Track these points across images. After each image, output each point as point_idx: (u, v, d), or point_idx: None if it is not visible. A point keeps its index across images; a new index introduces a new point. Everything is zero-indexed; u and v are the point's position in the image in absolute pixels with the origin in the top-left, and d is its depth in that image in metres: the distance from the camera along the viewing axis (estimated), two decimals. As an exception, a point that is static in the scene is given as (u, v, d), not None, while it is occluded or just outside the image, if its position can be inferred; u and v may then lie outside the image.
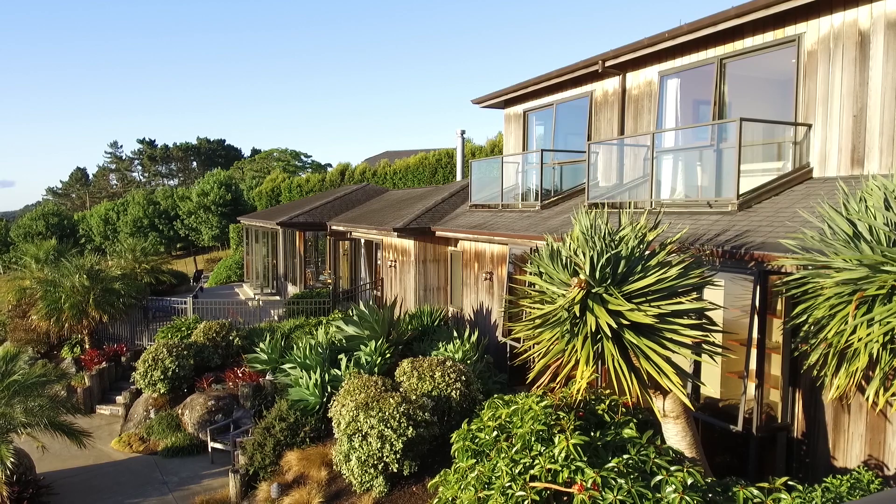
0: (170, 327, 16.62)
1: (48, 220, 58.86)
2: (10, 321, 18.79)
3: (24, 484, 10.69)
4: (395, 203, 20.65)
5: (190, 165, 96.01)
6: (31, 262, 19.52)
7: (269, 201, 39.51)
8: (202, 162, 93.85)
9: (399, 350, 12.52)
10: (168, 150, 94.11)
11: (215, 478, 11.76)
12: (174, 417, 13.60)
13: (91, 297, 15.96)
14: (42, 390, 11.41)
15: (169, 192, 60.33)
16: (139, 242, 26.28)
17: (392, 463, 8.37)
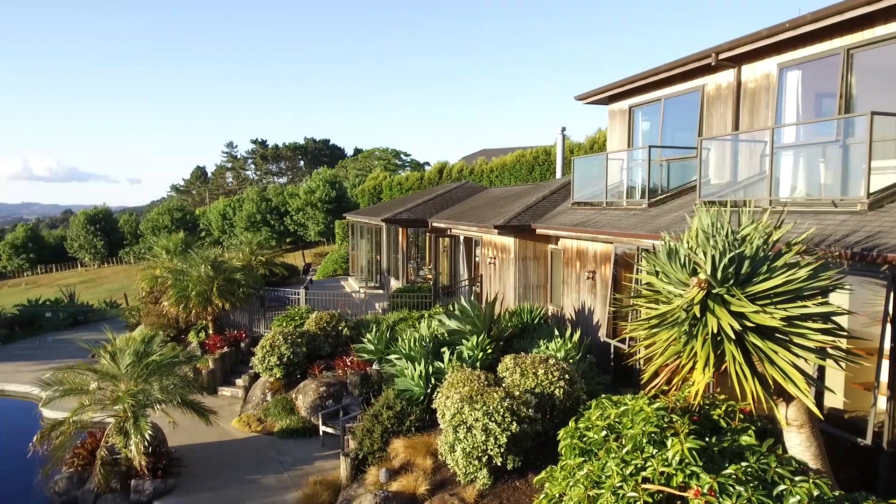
0: (284, 316, 17.66)
1: (173, 215, 63.91)
2: (143, 307, 20.70)
3: (158, 455, 11.76)
4: (494, 200, 20.80)
5: (298, 164, 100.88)
6: (161, 253, 21.38)
7: (370, 199, 40.83)
8: (309, 161, 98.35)
9: (500, 346, 12.65)
10: (278, 149, 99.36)
11: (326, 460, 12.42)
12: (288, 401, 14.48)
13: (215, 286, 17.29)
14: (174, 370, 12.53)
15: (279, 190, 63.75)
16: (255, 236, 28.00)
17: (496, 456, 8.52)
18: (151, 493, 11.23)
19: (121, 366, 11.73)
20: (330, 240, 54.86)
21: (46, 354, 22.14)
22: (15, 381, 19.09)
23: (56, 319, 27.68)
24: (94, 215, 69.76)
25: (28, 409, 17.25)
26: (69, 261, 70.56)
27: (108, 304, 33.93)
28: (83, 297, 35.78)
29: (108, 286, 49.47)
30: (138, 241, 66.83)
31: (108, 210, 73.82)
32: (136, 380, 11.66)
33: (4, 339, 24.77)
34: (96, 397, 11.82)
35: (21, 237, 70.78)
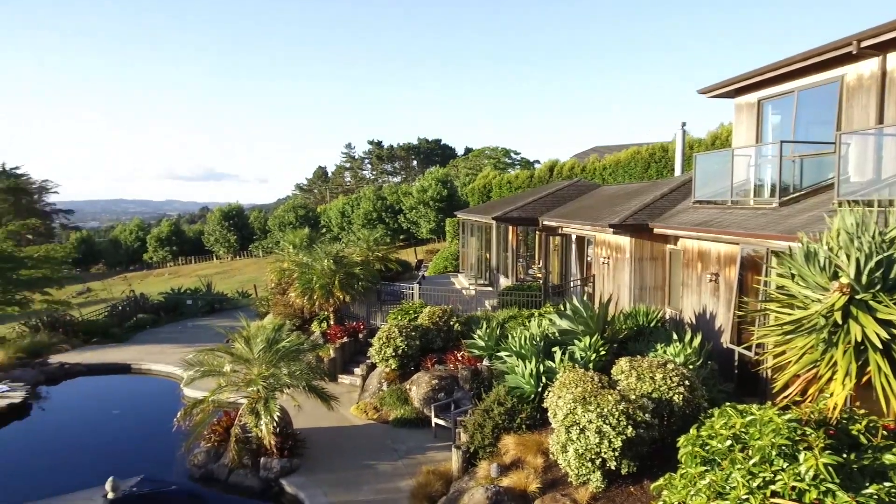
0: (399, 310, 18.29)
1: (297, 212, 67.86)
2: (272, 297, 22.23)
3: (285, 436, 12.62)
4: (607, 199, 20.31)
5: (411, 164, 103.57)
6: (288, 247, 22.83)
7: (480, 197, 41.14)
8: (421, 161, 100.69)
9: (613, 348, 12.39)
10: (393, 149, 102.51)
11: (438, 451, 12.76)
12: (403, 392, 15.01)
13: (336, 279, 18.24)
14: (299, 357, 13.37)
15: (394, 189, 65.79)
16: (371, 233, 29.11)
17: (610, 460, 8.39)
18: (278, 471, 12.07)
19: (254, 351, 12.70)
20: (441, 237, 55.88)
21: (187, 338, 24.32)
22: (161, 361, 21.14)
23: (195, 307, 30.33)
24: (227, 212, 75.67)
25: (171, 387, 19.03)
26: (206, 253, 76.91)
27: (240, 293, 36.64)
28: (218, 286, 38.88)
29: (240, 277, 53.36)
30: (266, 237, 71.65)
31: (240, 207, 79.71)
32: (267, 364, 12.58)
33: (152, 323, 27.49)
34: (231, 379, 12.88)
35: (165, 231, 78.16)
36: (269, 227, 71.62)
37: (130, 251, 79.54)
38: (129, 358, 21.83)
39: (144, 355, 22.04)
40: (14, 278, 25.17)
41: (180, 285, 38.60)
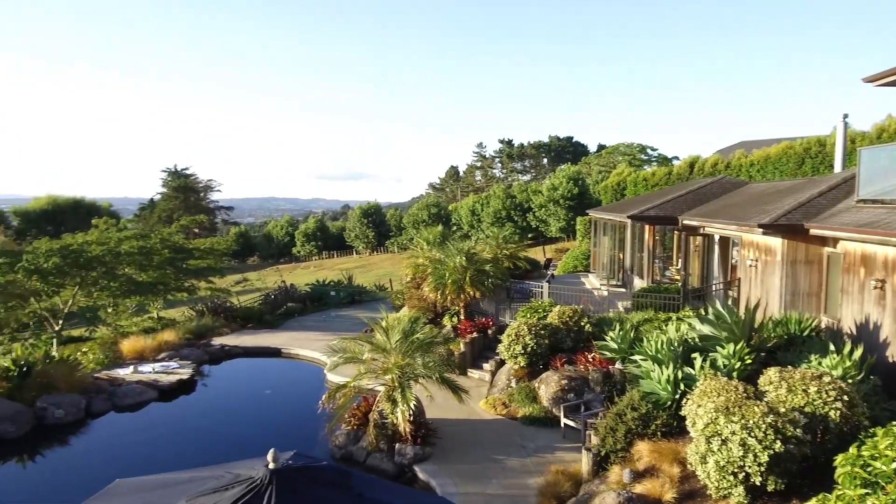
0: (528, 308, 18.33)
1: (429, 210, 69.91)
2: (407, 291, 23.17)
3: (418, 424, 13.14)
4: (756, 197, 18.96)
5: (541, 162, 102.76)
6: (423, 244, 23.66)
7: (613, 195, 39.95)
8: (552, 159, 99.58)
9: (760, 357, 11.60)
10: (523, 148, 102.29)
11: (566, 452, 12.68)
12: (531, 390, 15.05)
13: (468, 275, 18.64)
14: (432, 349, 13.86)
15: (523, 187, 65.73)
16: (500, 231, 29.34)
17: (755, 475, 7.92)
18: (412, 457, 12.60)
19: (391, 341, 13.36)
20: (570, 236, 54.95)
21: (330, 327, 25.98)
22: (307, 347, 22.76)
23: (337, 298, 32.31)
24: (366, 210, 79.74)
25: (316, 371, 20.45)
26: (347, 248, 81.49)
27: (377, 286, 38.48)
28: (357, 280, 41.08)
29: (377, 271, 55.95)
30: (401, 233, 74.56)
31: (378, 205, 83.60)
32: (403, 354, 13.18)
33: (299, 311, 29.66)
34: (370, 367, 13.64)
35: (312, 227, 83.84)
36: (403, 224, 74.42)
37: (281, 245, 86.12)
38: (279, 343, 23.74)
39: (293, 341, 23.84)
40: (184, 268, 28.24)
41: (324, 277, 41.23)
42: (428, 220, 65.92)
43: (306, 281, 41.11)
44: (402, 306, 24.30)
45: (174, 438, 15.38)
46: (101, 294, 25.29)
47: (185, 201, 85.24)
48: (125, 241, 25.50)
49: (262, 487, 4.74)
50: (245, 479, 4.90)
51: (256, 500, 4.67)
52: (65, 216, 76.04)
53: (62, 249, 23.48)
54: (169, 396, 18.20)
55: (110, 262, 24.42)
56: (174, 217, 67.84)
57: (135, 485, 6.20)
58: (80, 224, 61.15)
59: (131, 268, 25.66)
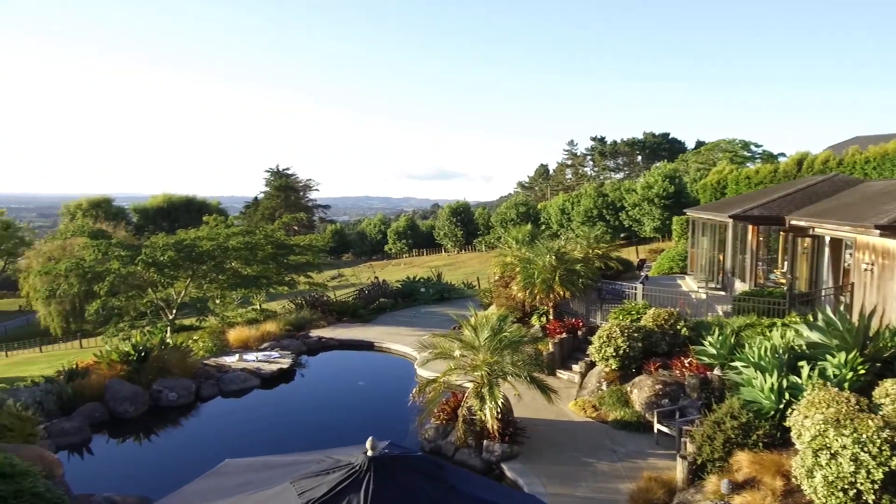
0: (620, 309, 17.92)
1: (518, 209, 69.63)
2: (495, 289, 23.25)
3: (506, 422, 13.19)
4: (872, 196, 17.60)
5: (635, 159, 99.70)
6: (511, 242, 23.64)
7: (713, 194, 38.18)
8: (647, 156, 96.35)
9: (875, 368, 10.80)
10: (616, 145, 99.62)
11: (659, 458, 12.33)
12: (623, 393, 14.73)
13: (557, 275, 18.46)
14: (520, 348, 13.86)
15: (616, 186, 64.06)
16: (591, 230, 28.79)
17: (867, 492, 7.42)
18: (500, 455, 12.68)
19: (480, 338, 13.49)
20: (666, 236, 53.01)
21: (419, 322, 26.49)
22: (398, 342, 23.34)
23: (427, 294, 32.87)
24: (455, 208, 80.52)
25: (406, 365, 20.94)
26: (436, 246, 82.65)
27: (465, 284, 38.82)
28: (446, 277, 41.59)
29: (465, 269, 56.43)
30: (489, 232, 74.68)
31: (467, 204, 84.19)
32: (492, 352, 13.27)
33: (391, 307, 30.43)
34: (459, 363, 13.83)
35: (402, 226, 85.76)
36: (491, 223, 74.51)
37: (374, 242, 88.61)
38: (372, 336, 24.48)
39: (385, 335, 24.52)
40: (285, 262, 29.74)
41: (414, 274, 42.06)
42: (516, 219, 65.64)
43: (397, 277, 42.10)
44: (489, 304, 24.40)
45: (275, 424, 16.25)
46: (211, 286, 27.10)
47: (285, 200, 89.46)
48: (232, 236, 27.19)
49: (360, 473, 4.97)
50: (345, 464, 5.16)
51: (355, 485, 4.90)
52: (178, 213, 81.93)
53: (176, 244, 25.36)
54: (270, 384, 19.23)
55: (219, 257, 26.11)
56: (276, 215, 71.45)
57: (243, 465, 6.65)
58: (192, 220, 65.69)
59: (237, 262, 27.34)
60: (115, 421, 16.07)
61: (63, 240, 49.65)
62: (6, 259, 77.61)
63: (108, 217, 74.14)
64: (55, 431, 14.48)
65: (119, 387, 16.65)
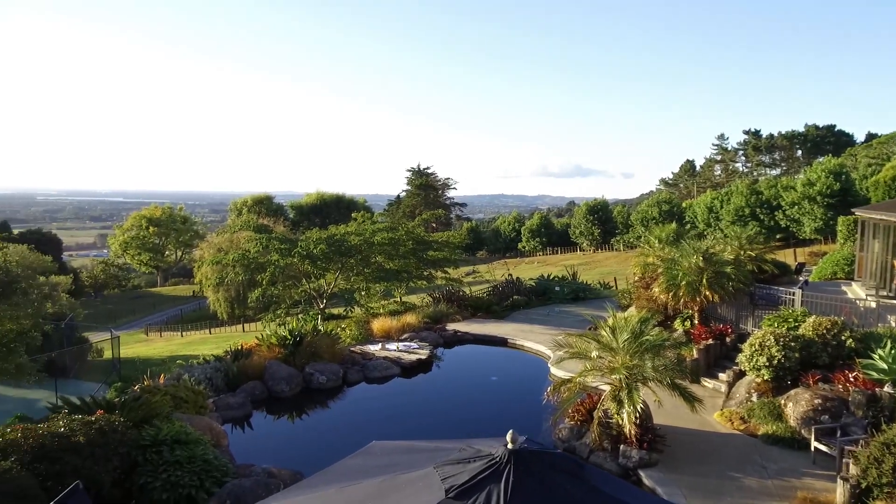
0: (776, 316, 16.65)
1: (660, 207, 66.60)
2: (634, 290, 22.51)
3: (644, 429, 12.81)
4: None
5: (794, 154, 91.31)
6: (654, 241, 22.75)
7: (886, 192, 34.12)
8: (808, 150, 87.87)
9: None
10: (772, 139, 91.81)
11: (815, 479, 11.37)
12: (776, 406, 13.71)
13: (704, 277, 17.50)
14: (663, 352, 13.36)
15: (772, 182, 59.17)
16: (743, 231, 26.91)
17: None
18: (637, 461, 12.35)
19: (618, 340, 13.20)
20: (829, 238, 48.12)
21: (553, 321, 26.33)
22: (531, 339, 23.39)
23: (561, 293, 32.54)
24: (593, 206, 78.73)
25: (539, 363, 20.94)
26: (570, 245, 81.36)
27: (601, 284, 37.90)
28: (581, 277, 40.88)
29: (601, 269, 55.04)
30: (628, 231, 72.19)
31: (605, 202, 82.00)
32: (631, 355, 12.94)
33: (524, 304, 30.49)
34: (596, 364, 13.62)
35: (536, 224, 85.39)
36: (631, 221, 71.92)
37: (508, 240, 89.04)
38: (505, 333, 24.73)
39: (518, 332, 24.67)
40: (424, 258, 30.86)
41: (548, 272, 41.75)
42: (658, 218, 62.78)
43: (530, 275, 42.01)
44: (628, 306, 23.67)
45: (414, 411, 17.03)
46: (357, 278, 28.83)
47: (425, 198, 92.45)
48: (377, 232, 28.72)
49: (500, 465, 5.13)
50: (485, 455, 5.36)
51: (496, 476, 5.08)
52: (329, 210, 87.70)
53: (328, 238, 27.26)
54: (409, 373, 20.13)
55: (365, 251, 27.72)
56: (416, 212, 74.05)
57: (388, 447, 7.10)
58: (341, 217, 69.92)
59: (381, 256, 28.84)
60: (273, 399, 17.66)
61: (231, 233, 55.04)
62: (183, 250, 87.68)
63: (269, 213, 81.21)
64: (222, 405, 16.19)
65: (277, 368, 18.27)
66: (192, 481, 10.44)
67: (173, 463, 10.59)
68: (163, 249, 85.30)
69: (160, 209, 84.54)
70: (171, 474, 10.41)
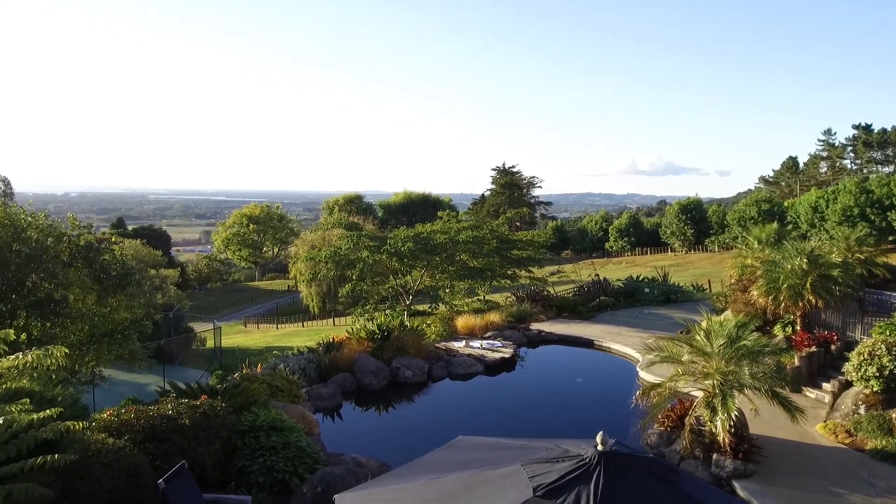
0: (888, 324, 15.38)
1: (760, 206, 63.14)
2: (730, 293, 21.49)
3: (740, 438, 12.24)
4: None
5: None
6: (753, 242, 21.61)
7: None
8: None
9: None
10: (885, 134, 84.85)
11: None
12: (886, 420, 12.73)
13: (808, 281, 16.47)
14: (761, 359, 12.71)
15: (884, 180, 54.79)
16: (853, 232, 25.04)
17: None
18: (731, 471, 11.82)
19: (713, 345, 12.69)
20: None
21: (641, 324, 25.58)
22: (618, 342, 22.85)
23: (651, 295, 31.55)
24: (686, 205, 75.60)
25: (626, 367, 20.43)
26: (661, 245, 78.56)
27: (694, 286, 36.42)
28: (672, 278, 39.45)
29: (693, 271, 52.85)
30: (723, 231, 68.83)
31: (699, 201, 78.54)
32: (727, 361, 12.41)
33: (611, 305, 29.82)
34: (688, 369, 13.15)
35: (625, 223, 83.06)
36: (727, 221, 68.54)
37: (594, 240, 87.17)
38: (591, 334, 24.29)
39: (605, 334, 24.16)
40: (508, 256, 30.81)
41: (637, 273, 40.63)
42: (757, 218, 59.46)
43: (618, 276, 41.01)
44: (723, 309, 22.62)
45: (498, 409, 17.06)
46: (442, 276, 29.21)
47: (509, 196, 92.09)
48: (462, 231, 28.96)
49: (590, 466, 5.10)
50: (574, 455, 5.34)
51: (585, 477, 5.05)
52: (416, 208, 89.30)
53: (415, 237, 27.80)
54: (493, 371, 20.20)
55: (450, 249, 28.04)
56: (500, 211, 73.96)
57: (475, 443, 7.20)
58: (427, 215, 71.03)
59: (466, 255, 29.06)
60: (361, 391, 18.23)
61: (323, 231, 57.22)
62: (279, 246, 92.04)
63: (359, 211, 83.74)
64: (314, 395, 16.88)
65: (366, 361, 18.85)
66: (287, 467, 10.94)
67: (269, 448, 11.14)
68: (261, 246, 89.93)
69: (259, 208, 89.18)
70: (267, 459, 10.96)
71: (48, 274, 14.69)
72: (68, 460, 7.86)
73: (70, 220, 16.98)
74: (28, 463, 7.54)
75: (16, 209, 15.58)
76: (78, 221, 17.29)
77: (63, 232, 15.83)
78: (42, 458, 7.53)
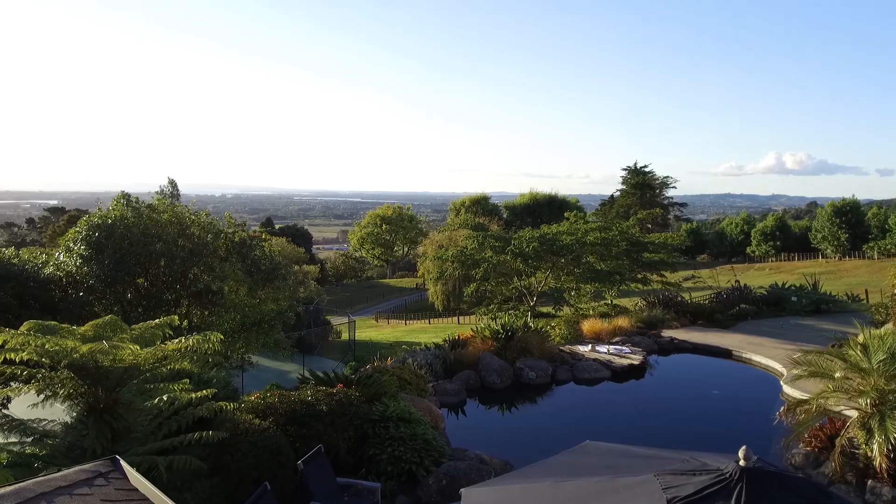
0: None
1: (932, 208, 55.93)
2: (892, 304, 19.32)
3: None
4: None
5: None
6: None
7: None
8: None
9: None
10: None
11: None
12: None
13: None
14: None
15: None
16: None
17: None
18: (888, 500, 10.65)
19: (872, 360, 11.49)
20: None
21: (787, 335, 23.61)
22: (760, 353, 21.26)
23: (798, 304, 29.01)
24: (840, 207, 68.64)
25: (768, 380, 18.96)
26: (810, 251, 72.00)
27: (849, 296, 33.05)
28: (824, 286, 36.04)
29: (847, 279, 47.99)
30: (885, 237, 61.78)
31: (856, 202, 70.92)
32: (888, 378, 11.20)
33: (753, 314, 27.78)
34: (840, 386, 12.00)
35: (770, 226, 76.95)
36: (889, 225, 61.45)
37: (734, 244, 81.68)
38: (729, 344, 22.80)
39: (745, 344, 22.58)
40: (638, 259, 29.73)
41: (783, 281, 37.49)
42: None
43: (760, 283, 38.11)
44: (883, 322, 20.39)
45: (625, 416, 16.56)
46: (567, 278, 28.79)
47: (641, 197, 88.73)
48: (590, 232, 28.36)
49: (731, 482, 4.84)
50: (713, 469, 5.10)
51: (725, 493, 4.80)
52: (541, 209, 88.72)
53: (540, 237, 27.63)
54: (620, 378, 19.58)
55: (576, 250, 27.57)
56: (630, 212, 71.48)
57: (603, 448, 7.07)
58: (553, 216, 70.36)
59: (593, 257, 28.43)
60: (485, 389, 18.42)
61: (450, 231, 58.54)
62: (409, 245, 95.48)
63: (485, 212, 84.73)
64: (440, 390, 17.31)
65: (490, 360, 19.04)
66: (414, 458, 11.34)
67: (397, 438, 11.61)
68: (392, 245, 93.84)
69: (391, 209, 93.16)
70: (395, 449, 11.42)
71: (207, 267, 16.31)
72: (221, 437, 8.72)
73: (227, 219, 18.72)
74: (187, 437, 8.45)
75: (181, 208, 17.45)
76: (233, 220, 19.03)
77: (221, 229, 17.48)
78: (199, 433, 8.42)
